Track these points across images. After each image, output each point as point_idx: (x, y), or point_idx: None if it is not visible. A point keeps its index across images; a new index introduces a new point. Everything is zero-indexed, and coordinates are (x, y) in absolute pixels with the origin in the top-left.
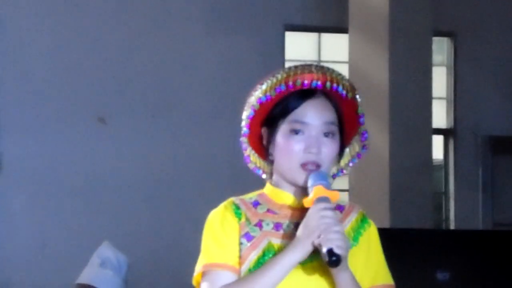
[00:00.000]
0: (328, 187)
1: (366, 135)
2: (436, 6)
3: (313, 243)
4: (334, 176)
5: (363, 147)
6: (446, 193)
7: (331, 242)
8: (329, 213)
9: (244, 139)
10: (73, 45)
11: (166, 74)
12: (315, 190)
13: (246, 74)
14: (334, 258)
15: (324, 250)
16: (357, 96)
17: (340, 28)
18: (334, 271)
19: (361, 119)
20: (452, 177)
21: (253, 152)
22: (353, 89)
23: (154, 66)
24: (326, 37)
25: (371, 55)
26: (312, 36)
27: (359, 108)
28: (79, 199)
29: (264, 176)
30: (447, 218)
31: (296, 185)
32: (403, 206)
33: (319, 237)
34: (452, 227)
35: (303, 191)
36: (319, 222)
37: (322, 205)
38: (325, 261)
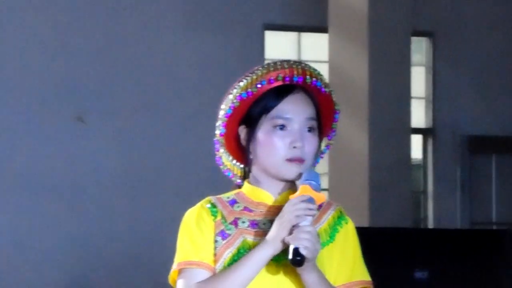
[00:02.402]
0: (316, 188)
1: (333, 133)
2: (415, 6)
3: (283, 240)
4: None
5: (327, 146)
6: (424, 192)
7: (299, 241)
8: (302, 205)
9: (220, 139)
10: (51, 44)
11: (145, 73)
12: (302, 189)
13: (225, 73)
14: (298, 258)
15: (291, 247)
16: (333, 92)
17: (320, 28)
18: (300, 271)
19: (336, 116)
20: (430, 176)
21: (225, 153)
22: (328, 84)
23: (132, 65)
24: (306, 36)
25: (351, 54)
26: (292, 36)
27: (336, 105)
28: (57, 199)
29: (233, 178)
30: (426, 216)
31: (279, 181)
32: (382, 205)
33: (290, 233)
34: (430, 225)
35: (281, 188)
36: (291, 216)
37: (297, 199)
38: (288, 258)
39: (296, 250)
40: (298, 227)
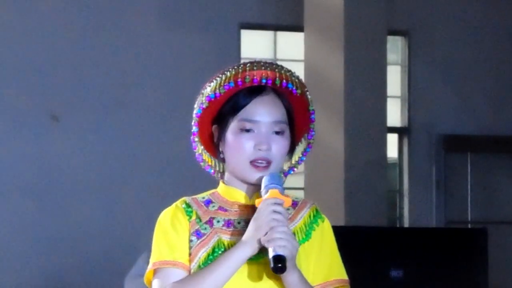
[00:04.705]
0: (282, 192)
1: (313, 132)
2: (391, 5)
3: (259, 241)
4: (285, 174)
5: (308, 145)
6: (400, 191)
7: (274, 242)
8: (280, 208)
9: (194, 138)
10: (24, 42)
11: (119, 71)
12: (271, 193)
13: (201, 72)
14: (279, 265)
15: (270, 255)
16: (308, 93)
17: (296, 27)
18: None
19: (312, 116)
20: (406, 175)
21: (205, 150)
22: (302, 85)
23: (107, 63)
24: (282, 35)
25: (327, 53)
26: (268, 35)
27: (310, 105)
28: (31, 198)
29: (215, 174)
30: (401, 215)
31: (246, 183)
32: (357, 204)
33: (266, 234)
34: (406, 224)
35: (254, 188)
36: (269, 217)
37: (272, 200)
38: (270, 266)
39: (275, 258)
40: (272, 229)
